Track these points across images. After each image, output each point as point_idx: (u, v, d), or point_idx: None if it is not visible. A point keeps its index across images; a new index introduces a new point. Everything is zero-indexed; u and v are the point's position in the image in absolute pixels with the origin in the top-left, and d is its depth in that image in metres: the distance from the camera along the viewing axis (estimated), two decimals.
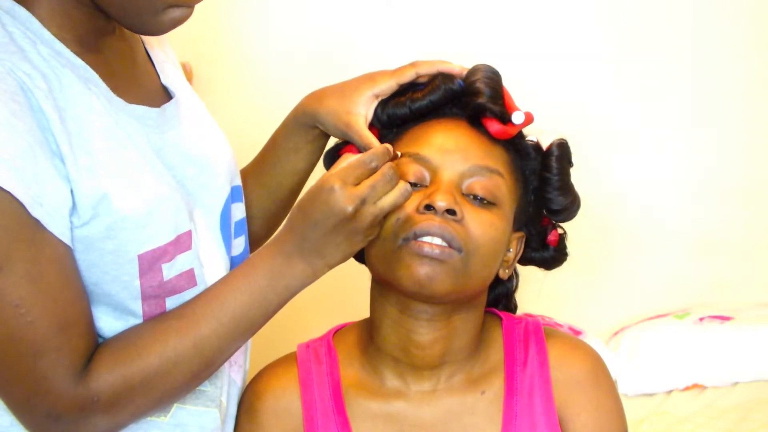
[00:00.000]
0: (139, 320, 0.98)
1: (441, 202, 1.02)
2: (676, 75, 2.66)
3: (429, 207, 1.03)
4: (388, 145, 1.00)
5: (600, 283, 2.69)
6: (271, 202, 1.25)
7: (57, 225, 0.89)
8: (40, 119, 0.89)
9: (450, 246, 1.02)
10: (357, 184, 0.96)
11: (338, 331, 1.19)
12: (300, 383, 1.13)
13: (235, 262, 1.12)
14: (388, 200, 0.97)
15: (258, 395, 1.13)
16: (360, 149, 1.10)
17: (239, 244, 1.15)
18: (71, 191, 0.90)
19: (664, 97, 2.67)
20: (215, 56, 2.61)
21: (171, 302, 0.99)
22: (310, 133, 1.19)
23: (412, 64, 1.15)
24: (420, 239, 1.02)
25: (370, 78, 1.15)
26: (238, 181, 1.16)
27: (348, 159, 1.00)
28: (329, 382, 1.12)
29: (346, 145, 1.15)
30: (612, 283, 2.71)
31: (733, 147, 2.70)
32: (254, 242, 1.25)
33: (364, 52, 2.45)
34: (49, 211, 0.88)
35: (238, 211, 1.15)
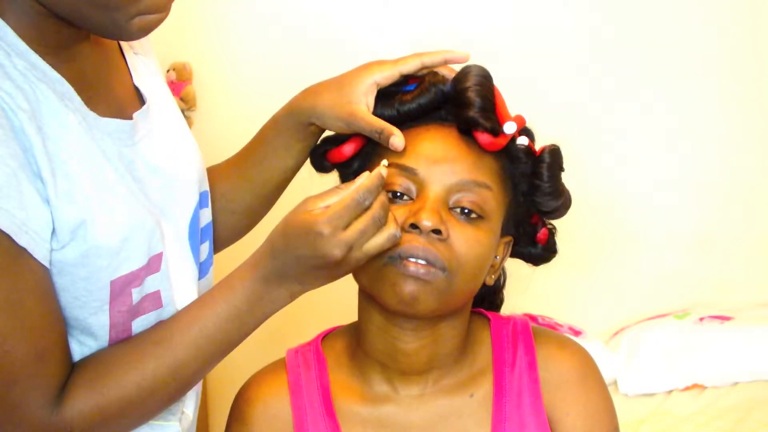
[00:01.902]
0: (103, 344, 0.96)
1: (426, 222, 1.00)
2: (678, 75, 2.66)
3: (414, 226, 1.01)
4: (382, 170, 0.96)
5: (600, 283, 2.70)
6: (254, 198, 1.23)
7: (41, 250, 0.88)
8: (23, 141, 0.87)
9: (434, 267, 1.01)
10: (347, 226, 0.94)
11: (327, 335, 1.19)
12: (290, 389, 1.12)
13: (201, 268, 1.11)
14: (375, 245, 0.96)
15: (248, 402, 1.13)
16: (370, 136, 1.07)
17: (204, 249, 1.13)
18: (51, 215, 0.89)
19: (665, 96, 2.67)
20: (215, 56, 2.61)
21: (136, 324, 0.98)
22: (303, 130, 1.16)
23: (417, 55, 1.12)
24: (405, 259, 1.01)
25: (368, 67, 1.12)
26: (206, 186, 1.14)
27: (340, 194, 0.96)
28: (318, 387, 1.12)
29: (350, 137, 1.12)
30: (612, 283, 2.71)
31: (734, 147, 2.70)
32: (233, 236, 1.23)
33: (364, 48, 2.45)
34: (34, 237, 0.87)
35: (205, 216, 1.13)
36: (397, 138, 1.04)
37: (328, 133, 1.18)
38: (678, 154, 2.70)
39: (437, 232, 1.01)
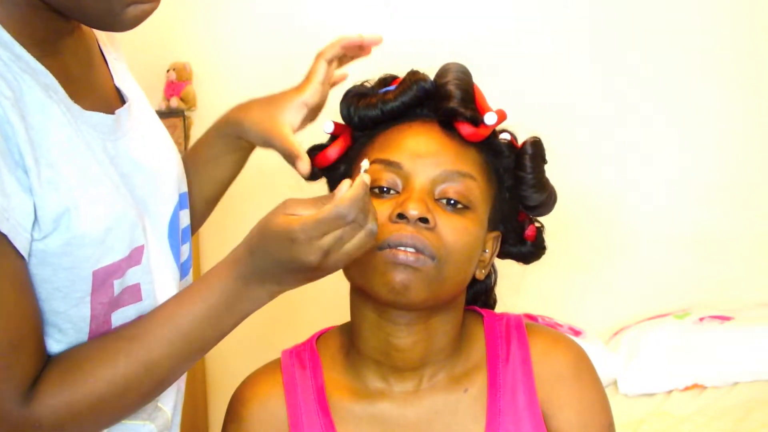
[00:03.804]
0: (83, 336, 0.95)
1: (413, 211, 1.02)
2: (679, 75, 2.66)
3: (401, 216, 1.02)
4: (364, 176, 0.91)
5: (600, 283, 2.70)
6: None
7: (20, 239, 0.86)
8: (5, 128, 0.86)
9: (423, 254, 1.02)
10: (323, 236, 0.90)
11: (321, 335, 1.19)
12: (284, 388, 1.13)
13: (182, 269, 1.11)
14: (353, 246, 0.91)
15: (243, 402, 1.13)
16: (282, 155, 1.09)
17: (185, 250, 1.13)
18: (33, 204, 0.87)
19: (666, 96, 2.67)
20: (215, 56, 2.61)
21: (116, 317, 0.97)
22: (232, 143, 1.18)
23: (317, 58, 1.15)
24: (394, 248, 1.02)
25: (296, 87, 1.15)
26: (185, 188, 1.14)
27: (321, 207, 0.91)
28: (313, 386, 1.12)
29: (335, 140, 1.14)
30: (612, 283, 2.71)
31: (734, 147, 2.70)
32: None
33: None
34: (15, 225, 0.85)
35: (185, 218, 1.13)
36: (302, 163, 1.07)
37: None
38: (678, 154, 2.70)
39: (424, 220, 1.02)
